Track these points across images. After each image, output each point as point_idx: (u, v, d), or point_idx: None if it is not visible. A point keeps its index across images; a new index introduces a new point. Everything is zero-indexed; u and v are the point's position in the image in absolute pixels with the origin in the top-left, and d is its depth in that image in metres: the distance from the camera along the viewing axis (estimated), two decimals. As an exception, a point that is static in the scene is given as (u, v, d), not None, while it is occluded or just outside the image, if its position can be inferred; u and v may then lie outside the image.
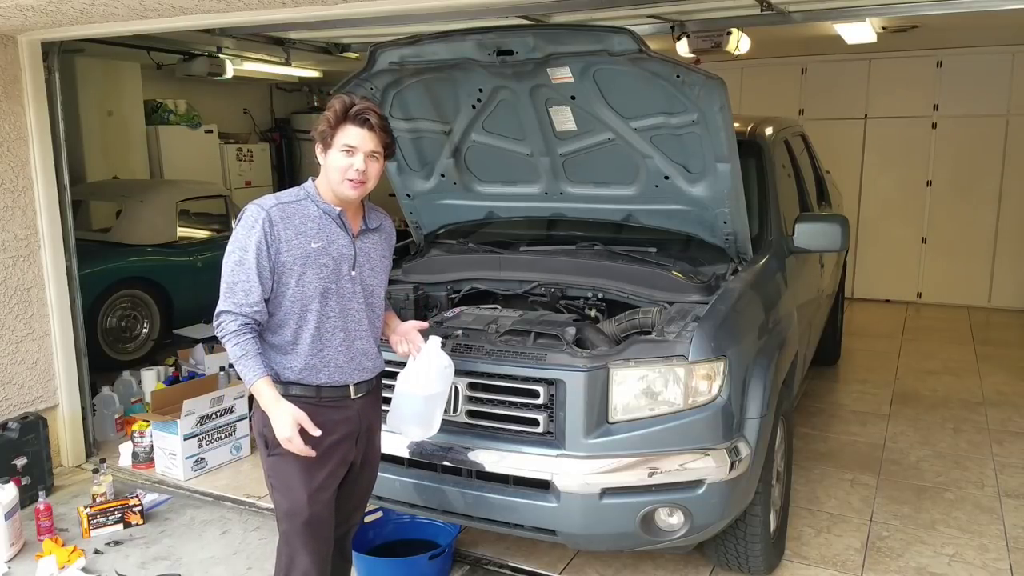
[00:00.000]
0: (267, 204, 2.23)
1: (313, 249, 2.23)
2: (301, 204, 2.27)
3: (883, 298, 7.99)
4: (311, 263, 2.23)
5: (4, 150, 3.91)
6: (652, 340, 2.69)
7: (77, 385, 4.32)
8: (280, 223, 2.20)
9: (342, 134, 2.21)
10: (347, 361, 2.33)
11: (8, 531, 3.32)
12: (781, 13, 4.04)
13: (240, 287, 2.18)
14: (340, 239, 2.29)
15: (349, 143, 2.20)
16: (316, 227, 2.25)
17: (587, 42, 2.73)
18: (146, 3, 3.17)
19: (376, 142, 2.23)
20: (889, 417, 4.85)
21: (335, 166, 2.22)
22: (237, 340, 2.17)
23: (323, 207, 2.27)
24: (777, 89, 7.96)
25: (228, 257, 2.22)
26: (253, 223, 2.19)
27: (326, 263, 2.25)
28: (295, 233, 2.22)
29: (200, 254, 6.39)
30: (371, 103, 2.26)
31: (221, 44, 6.04)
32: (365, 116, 2.21)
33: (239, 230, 2.21)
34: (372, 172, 2.25)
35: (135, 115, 7.71)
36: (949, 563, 3.24)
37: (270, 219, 2.19)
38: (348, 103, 2.22)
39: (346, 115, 2.20)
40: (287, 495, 2.31)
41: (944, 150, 7.56)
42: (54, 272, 4.15)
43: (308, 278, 2.23)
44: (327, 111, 2.23)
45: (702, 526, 2.68)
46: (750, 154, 3.69)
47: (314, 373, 2.29)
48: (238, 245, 2.20)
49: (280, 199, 2.26)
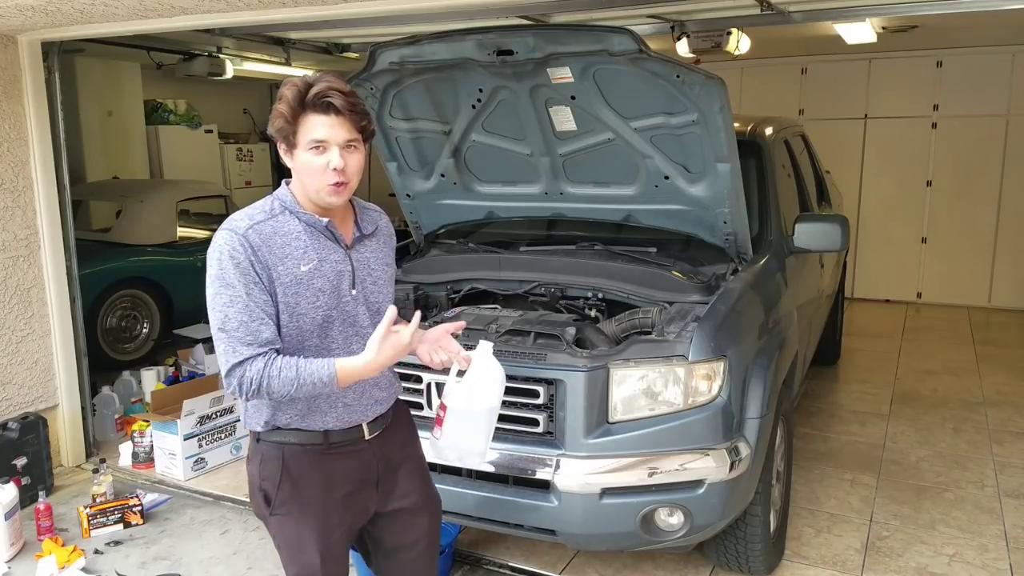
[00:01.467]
0: (240, 227, 1.78)
1: (304, 273, 1.81)
2: (279, 220, 1.83)
3: (883, 298, 7.98)
4: (304, 291, 1.81)
5: (4, 150, 3.91)
6: (652, 340, 2.69)
7: (77, 385, 4.32)
8: (262, 247, 1.78)
9: (304, 128, 1.76)
10: (357, 397, 1.93)
11: (8, 531, 3.32)
12: (781, 13, 4.03)
13: (244, 329, 1.75)
14: (333, 254, 1.87)
15: (316, 138, 1.76)
16: (303, 245, 1.82)
17: (587, 42, 2.73)
18: (146, 3, 3.17)
19: (349, 128, 1.78)
20: (889, 417, 4.85)
21: (307, 169, 1.79)
22: (276, 369, 1.74)
23: (305, 219, 1.84)
24: (777, 89, 7.96)
25: (214, 301, 1.77)
26: (232, 251, 1.76)
27: (322, 287, 1.84)
28: (279, 258, 1.79)
29: (200, 254, 6.37)
30: (331, 78, 1.79)
31: (221, 44, 6.04)
32: (327, 99, 1.74)
33: (215, 265, 1.77)
34: (353, 166, 1.81)
35: (135, 115, 7.71)
36: (949, 563, 3.24)
37: (249, 243, 1.76)
38: (302, 87, 1.75)
39: (303, 103, 1.75)
40: (296, 558, 1.94)
41: (944, 150, 7.56)
42: (54, 272, 4.15)
43: (303, 309, 1.82)
44: (278, 103, 1.78)
45: (702, 526, 2.68)
46: (750, 154, 3.69)
47: (319, 417, 1.89)
48: (222, 283, 1.75)
49: (253, 218, 1.81)
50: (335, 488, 1.92)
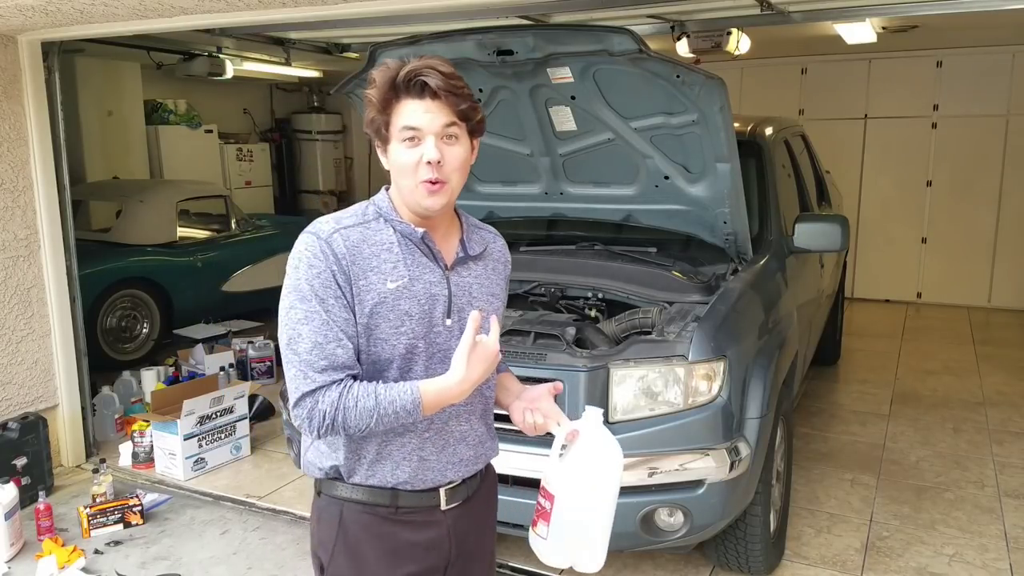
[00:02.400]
0: (324, 230, 1.52)
1: (390, 291, 1.51)
2: (371, 227, 1.55)
3: (883, 298, 7.98)
4: (387, 312, 1.51)
5: (4, 150, 3.91)
6: (652, 340, 2.69)
7: (77, 385, 4.32)
8: (347, 256, 1.50)
9: (397, 115, 1.50)
10: (437, 451, 1.60)
11: (8, 531, 3.32)
12: (781, 13, 4.03)
13: (318, 352, 1.47)
14: (428, 273, 1.57)
15: (407, 124, 1.48)
16: (394, 258, 1.54)
17: (587, 42, 2.74)
18: (146, 3, 3.17)
19: (448, 112, 1.50)
20: (889, 417, 4.85)
21: (399, 166, 1.52)
22: (353, 399, 1.46)
23: (401, 228, 1.56)
24: (777, 89, 7.96)
25: (287, 316, 1.50)
26: (312, 258, 1.49)
27: (409, 310, 1.53)
28: (364, 270, 1.51)
29: (200, 254, 6.39)
30: (429, 57, 1.52)
31: (221, 44, 6.04)
32: (421, 78, 1.47)
33: (292, 275, 1.51)
34: (452, 161, 1.52)
35: (135, 115, 7.71)
36: (949, 563, 3.24)
37: (332, 251, 1.49)
38: (394, 67, 1.49)
39: (395, 86, 1.48)
40: None
41: (944, 150, 7.56)
42: (54, 272, 4.14)
43: (383, 333, 1.52)
44: (368, 89, 1.53)
45: (702, 526, 2.68)
46: (750, 154, 3.69)
47: (389, 467, 1.57)
48: (297, 295, 1.49)
49: (341, 222, 1.54)
50: (399, 565, 1.59)
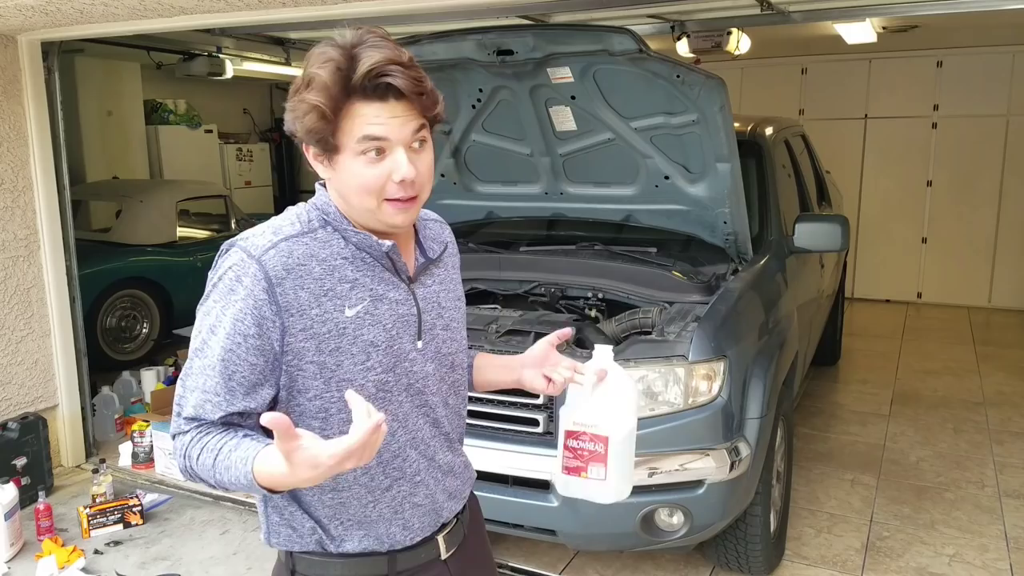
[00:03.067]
0: (257, 247, 1.21)
1: (349, 320, 1.22)
2: (317, 238, 1.24)
3: (883, 298, 7.98)
4: (348, 346, 1.23)
5: (4, 150, 3.91)
6: (652, 340, 2.69)
7: (77, 385, 4.32)
8: (287, 279, 1.19)
9: (351, 122, 1.17)
10: (428, 495, 1.35)
11: (8, 531, 3.32)
12: (781, 13, 4.03)
13: (201, 395, 1.21)
14: (391, 290, 1.28)
15: (371, 134, 1.17)
16: (349, 277, 1.24)
17: (587, 42, 2.74)
18: (146, 3, 3.16)
19: (417, 115, 1.20)
20: (889, 417, 4.85)
21: (358, 183, 1.20)
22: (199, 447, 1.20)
23: (357, 239, 1.26)
24: (777, 89, 7.96)
25: (195, 331, 1.25)
26: (233, 281, 1.20)
27: (375, 339, 1.24)
28: (314, 296, 1.21)
29: (200, 254, 6.38)
30: (379, 40, 1.19)
31: (221, 44, 6.04)
32: (385, 78, 1.15)
33: (209, 292, 1.24)
34: (425, 171, 1.24)
35: (135, 115, 7.71)
36: (949, 563, 3.24)
37: (267, 276, 1.18)
38: (343, 61, 1.15)
39: (347, 87, 1.15)
40: None
41: (944, 150, 7.56)
42: (54, 272, 4.14)
43: (347, 372, 1.23)
44: (304, 90, 1.17)
45: (702, 526, 2.68)
46: (750, 154, 3.69)
47: (381, 530, 1.31)
48: (206, 320, 1.22)
49: (280, 232, 1.23)
50: None
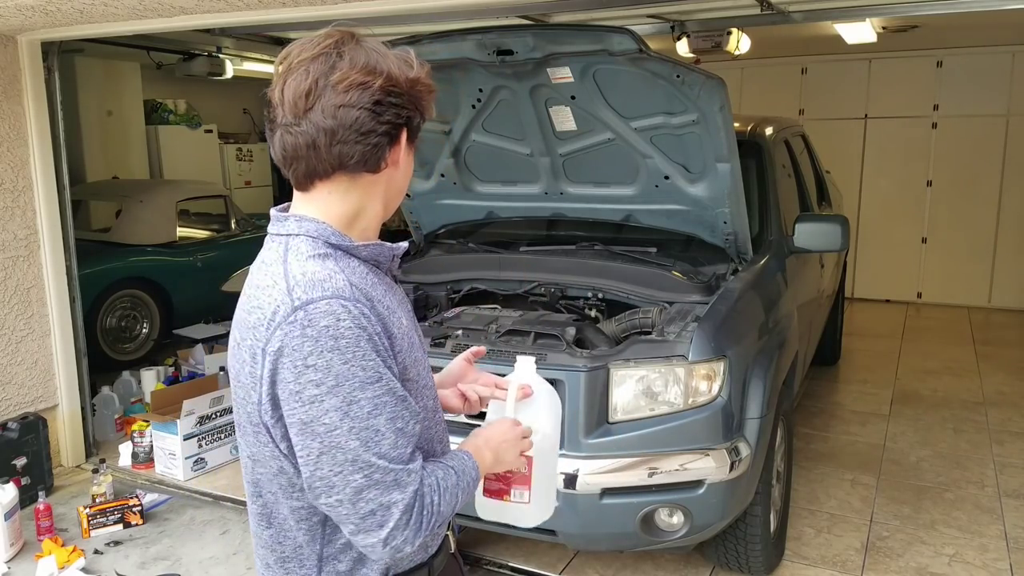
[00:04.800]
0: (342, 288, 1.13)
1: (406, 328, 1.25)
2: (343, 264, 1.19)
3: (883, 298, 7.98)
4: (411, 350, 1.24)
5: (4, 150, 3.91)
6: (652, 340, 2.69)
7: (77, 385, 4.32)
8: (377, 307, 1.17)
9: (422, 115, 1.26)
10: None
11: (8, 531, 3.32)
12: (781, 13, 4.03)
13: (403, 438, 1.15)
14: (397, 293, 1.30)
15: None
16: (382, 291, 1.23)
17: (587, 42, 2.73)
18: (146, 3, 3.16)
19: None
20: (889, 417, 4.85)
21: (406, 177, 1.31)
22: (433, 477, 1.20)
23: (368, 253, 1.24)
24: (777, 89, 7.96)
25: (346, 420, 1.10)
26: (354, 327, 1.11)
27: (413, 340, 1.27)
28: (388, 315, 1.20)
29: (200, 254, 6.39)
30: None
31: (221, 44, 6.04)
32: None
33: (334, 359, 1.09)
34: None
35: (135, 115, 7.72)
36: (949, 563, 3.24)
37: (372, 307, 1.16)
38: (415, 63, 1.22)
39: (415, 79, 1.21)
40: None
41: (944, 150, 7.56)
42: (54, 272, 4.14)
43: (422, 379, 1.27)
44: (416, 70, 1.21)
45: (702, 526, 2.68)
46: (750, 154, 3.69)
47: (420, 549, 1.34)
48: (354, 384, 1.10)
49: (332, 270, 1.16)
50: None
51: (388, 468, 1.12)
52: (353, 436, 1.10)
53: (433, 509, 1.18)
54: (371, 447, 1.11)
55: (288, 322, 1.11)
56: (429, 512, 1.17)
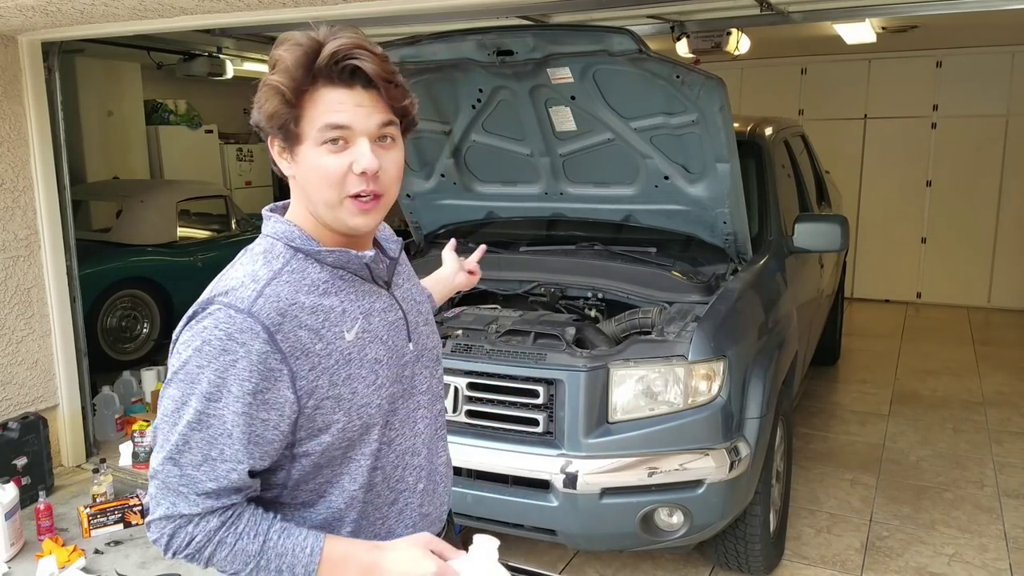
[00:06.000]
0: (243, 299, 1.11)
1: (350, 344, 1.17)
2: (293, 271, 1.17)
3: (883, 298, 7.98)
4: (357, 369, 1.18)
5: (4, 150, 3.91)
6: (652, 340, 2.70)
7: (77, 385, 4.32)
8: (284, 324, 1.12)
9: (315, 108, 1.13)
10: (431, 498, 1.34)
11: (8, 531, 3.32)
12: (781, 13, 4.04)
13: (210, 469, 1.11)
14: (377, 300, 1.24)
15: (333, 122, 1.12)
16: (338, 301, 1.18)
17: (587, 42, 2.74)
18: (146, 3, 3.17)
19: (385, 108, 1.16)
20: (889, 417, 4.85)
21: (319, 175, 1.14)
22: (235, 534, 1.13)
23: (333, 259, 1.19)
24: (777, 89, 7.96)
25: (173, 414, 1.12)
26: (228, 341, 1.09)
27: (377, 355, 1.21)
28: (314, 330, 1.14)
29: (200, 254, 6.39)
30: (351, 32, 1.15)
31: (221, 44, 6.04)
32: (352, 61, 1.11)
33: (196, 360, 1.10)
34: (391, 170, 1.19)
35: (135, 115, 7.72)
36: (949, 563, 3.24)
37: (264, 327, 1.10)
38: (309, 45, 1.12)
39: (311, 70, 1.11)
40: None
41: (944, 150, 7.56)
42: (54, 272, 4.15)
43: (363, 397, 1.18)
44: (270, 73, 1.14)
45: (702, 526, 2.68)
46: (750, 154, 3.70)
47: None
48: (200, 390, 1.10)
49: (257, 278, 1.14)
50: None
51: (181, 478, 1.12)
52: (173, 432, 1.12)
53: (195, 545, 1.13)
54: (181, 452, 1.11)
55: (187, 314, 1.16)
56: (186, 542, 1.13)
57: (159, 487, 1.13)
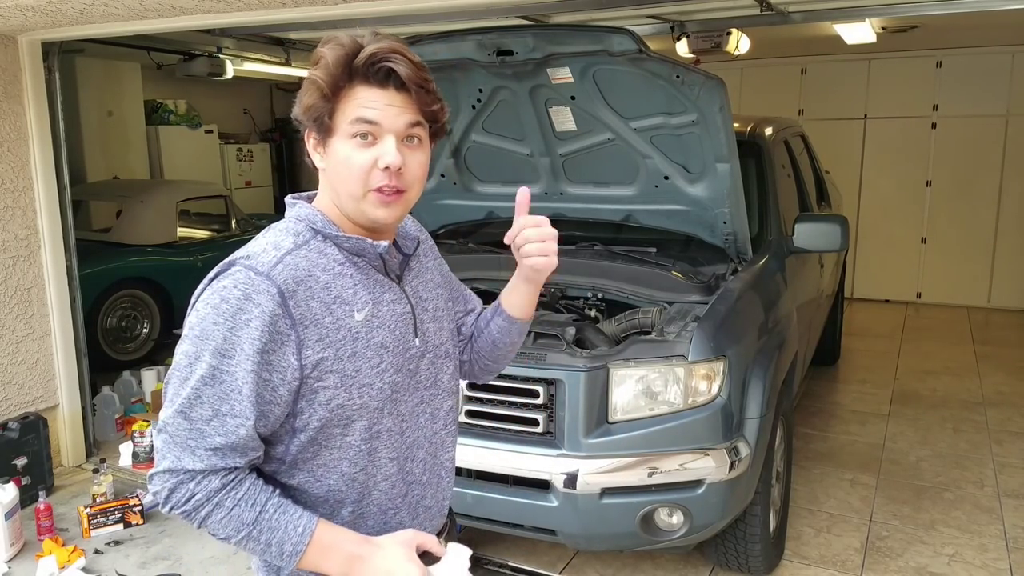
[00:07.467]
0: (264, 263, 1.18)
1: (360, 323, 1.23)
2: (312, 249, 1.23)
3: (883, 298, 7.98)
4: (363, 349, 1.23)
5: (4, 150, 3.91)
6: (652, 340, 2.70)
7: (77, 385, 4.32)
8: (298, 291, 1.18)
9: (348, 104, 1.20)
10: (433, 492, 1.39)
11: (8, 531, 3.32)
12: (781, 13, 4.04)
13: (219, 424, 1.16)
14: (387, 292, 1.29)
15: (363, 117, 1.19)
16: (352, 283, 1.24)
17: (587, 42, 2.74)
18: (146, 3, 3.17)
19: (415, 110, 1.22)
20: (889, 417, 4.86)
21: (346, 167, 1.21)
22: (234, 498, 1.17)
23: (350, 244, 1.26)
24: (777, 89, 7.96)
25: (186, 369, 1.17)
26: (244, 300, 1.15)
27: (384, 341, 1.26)
28: (325, 305, 1.20)
29: (200, 254, 6.39)
30: (392, 39, 1.22)
31: (221, 44, 6.04)
32: (387, 64, 1.18)
33: (213, 316, 1.16)
34: (415, 169, 1.25)
35: (135, 115, 7.72)
36: (949, 563, 3.24)
37: (280, 291, 1.16)
38: (350, 46, 1.19)
39: (350, 69, 1.19)
40: None
41: (944, 150, 7.56)
42: (54, 272, 4.15)
43: (366, 377, 1.23)
44: (312, 69, 1.22)
45: (702, 526, 2.68)
46: (750, 154, 3.70)
47: None
48: (214, 345, 1.15)
49: (280, 248, 1.21)
50: None
51: (190, 432, 1.16)
52: (185, 386, 1.16)
53: (195, 503, 1.17)
54: (192, 406, 1.16)
55: (209, 275, 1.22)
56: (186, 498, 1.16)
57: (166, 441, 1.18)
